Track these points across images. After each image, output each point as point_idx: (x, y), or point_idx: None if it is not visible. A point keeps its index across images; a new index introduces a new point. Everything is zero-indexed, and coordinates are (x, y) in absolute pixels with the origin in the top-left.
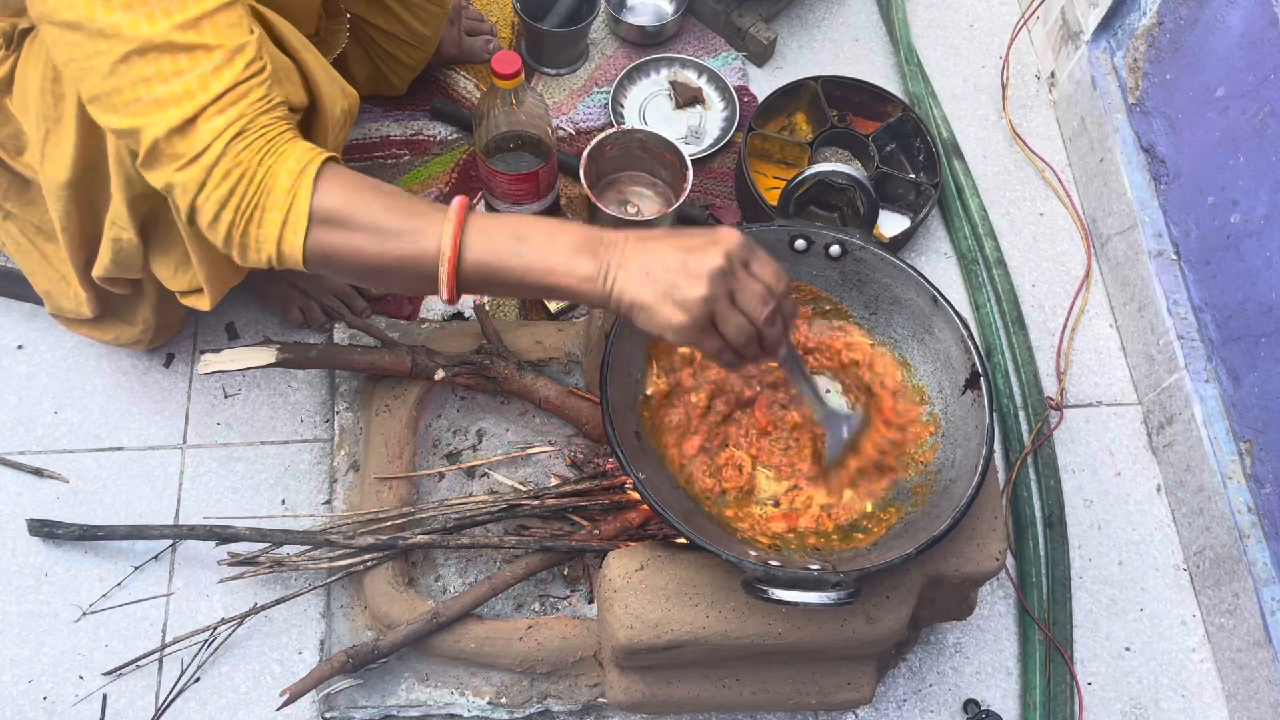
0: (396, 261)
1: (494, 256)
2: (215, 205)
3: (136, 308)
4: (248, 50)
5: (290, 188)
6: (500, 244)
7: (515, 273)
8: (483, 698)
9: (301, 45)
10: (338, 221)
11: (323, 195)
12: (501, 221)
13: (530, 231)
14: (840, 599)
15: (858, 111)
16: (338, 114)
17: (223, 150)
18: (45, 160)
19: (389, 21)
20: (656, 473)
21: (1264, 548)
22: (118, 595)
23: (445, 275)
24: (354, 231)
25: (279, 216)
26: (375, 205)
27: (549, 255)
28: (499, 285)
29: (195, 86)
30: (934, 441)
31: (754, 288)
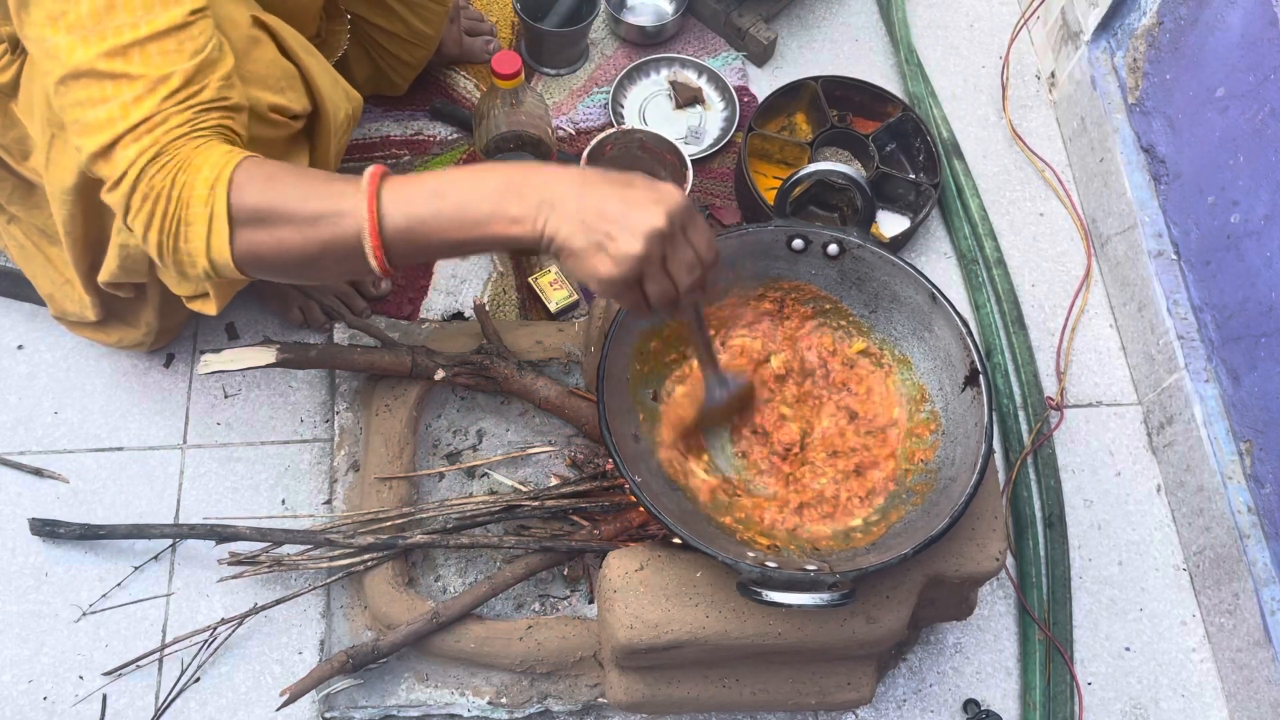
0: (324, 247)
1: (416, 219)
2: (141, 228)
3: (140, 311)
4: (173, 79)
5: (207, 197)
6: (420, 204)
7: (442, 230)
8: (483, 698)
9: (305, 51)
10: (258, 218)
11: (238, 194)
12: (419, 180)
13: (450, 185)
14: (835, 600)
15: (858, 111)
16: (341, 119)
17: (137, 176)
18: (50, 165)
19: (390, 21)
20: (654, 475)
21: (1264, 548)
22: (118, 595)
23: (371, 249)
24: (276, 225)
25: (202, 228)
26: (291, 193)
27: (473, 204)
28: (432, 247)
29: (116, 114)
30: (934, 439)
31: (686, 255)
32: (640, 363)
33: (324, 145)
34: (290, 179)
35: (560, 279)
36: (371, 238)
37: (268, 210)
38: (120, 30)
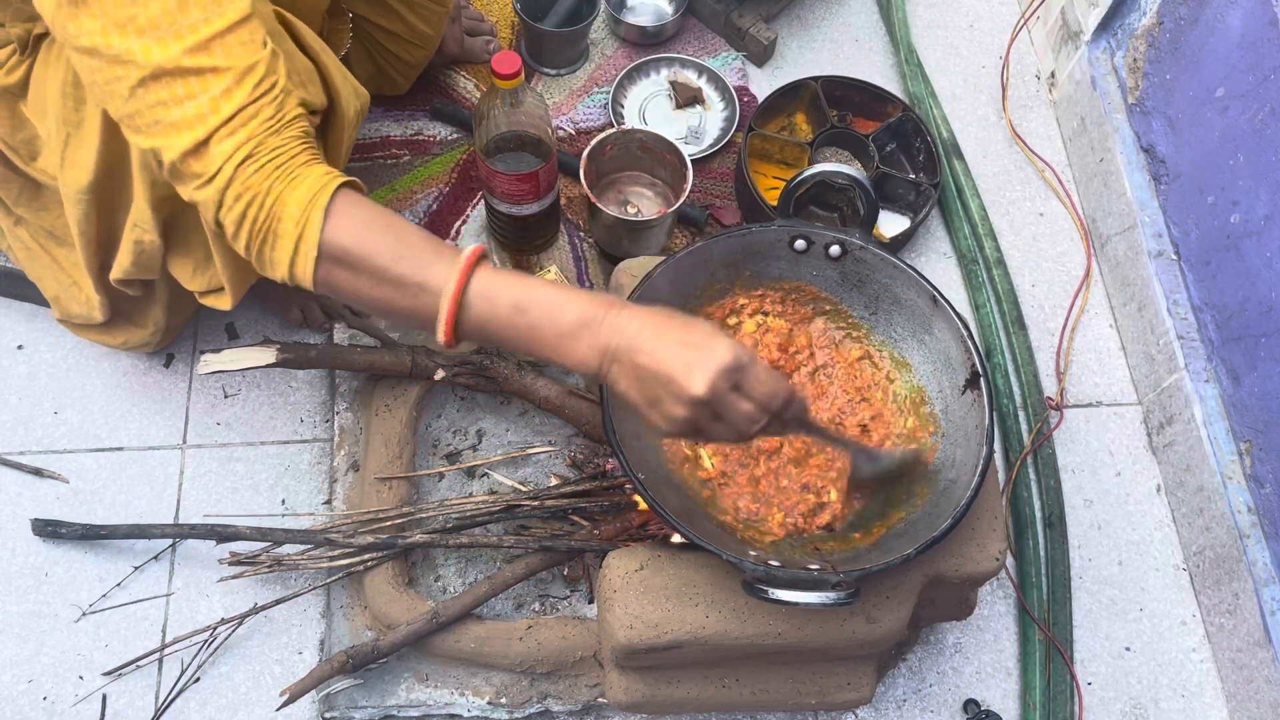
0: (399, 310)
1: (492, 323)
2: (233, 225)
3: (148, 310)
4: (258, 69)
5: (299, 218)
6: (500, 310)
7: (512, 341)
8: (483, 698)
9: (320, 47)
10: (346, 262)
11: (332, 231)
12: (507, 285)
13: (534, 303)
14: (840, 599)
15: (858, 111)
16: (352, 114)
17: (233, 174)
18: (66, 164)
19: (391, 20)
20: (656, 473)
21: (1264, 548)
22: (118, 595)
23: (443, 329)
24: (360, 273)
25: (290, 245)
26: (384, 250)
27: (547, 331)
28: (494, 343)
29: (206, 110)
30: (934, 441)
31: (740, 410)
32: None
33: (336, 140)
34: (386, 233)
35: (560, 279)
36: (446, 323)
37: (357, 257)
38: (196, 26)
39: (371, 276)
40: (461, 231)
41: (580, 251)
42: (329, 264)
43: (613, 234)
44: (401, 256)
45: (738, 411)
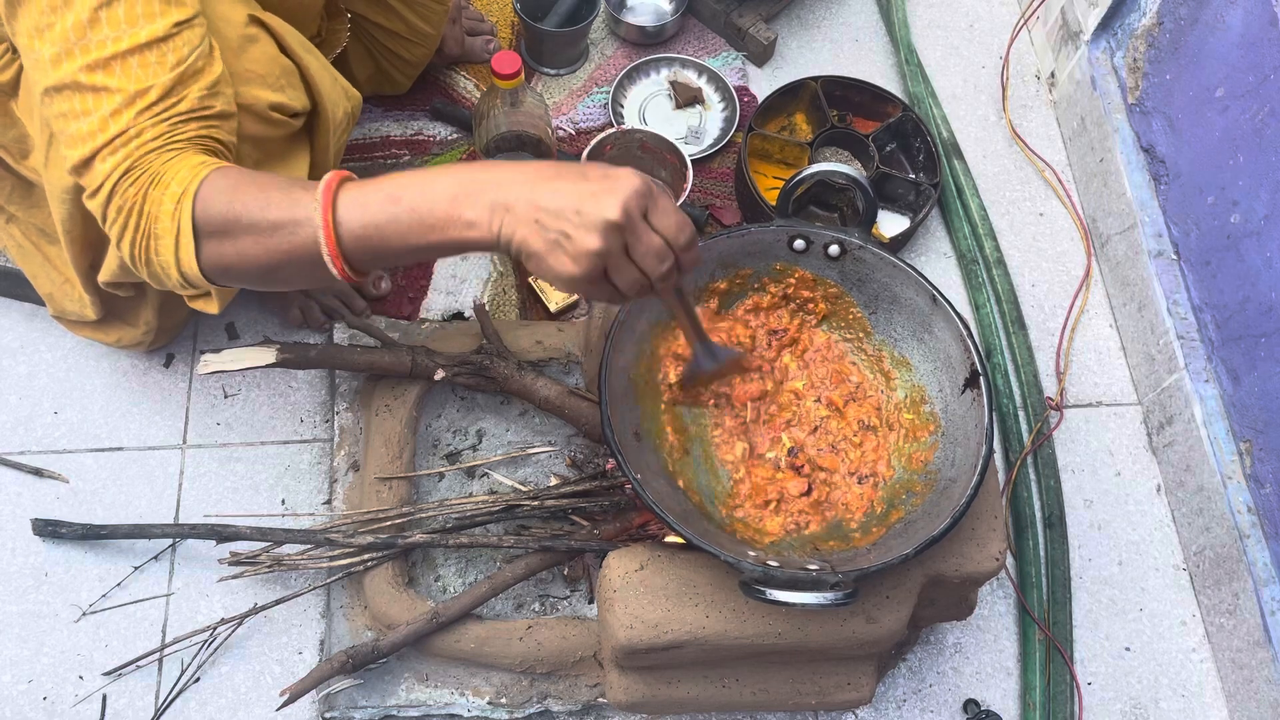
0: (285, 256)
1: (372, 225)
2: (116, 239)
3: (139, 310)
4: (150, 93)
5: (174, 211)
6: (375, 210)
7: (399, 236)
8: (483, 698)
9: (303, 49)
10: (222, 231)
11: (203, 207)
12: (375, 185)
13: (404, 189)
14: (838, 599)
15: (858, 111)
16: (339, 116)
17: (111, 190)
18: (50, 164)
19: (390, 20)
20: (655, 473)
21: (1264, 548)
22: (118, 595)
23: (329, 256)
24: (239, 237)
25: (170, 241)
26: (252, 204)
27: (427, 209)
28: (391, 253)
29: (96, 128)
30: (933, 441)
31: (652, 242)
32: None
33: (323, 144)
34: (252, 189)
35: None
36: (329, 245)
37: (231, 221)
38: (103, 44)
39: (249, 234)
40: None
41: None
42: (209, 242)
43: None
44: (269, 203)
45: (647, 244)
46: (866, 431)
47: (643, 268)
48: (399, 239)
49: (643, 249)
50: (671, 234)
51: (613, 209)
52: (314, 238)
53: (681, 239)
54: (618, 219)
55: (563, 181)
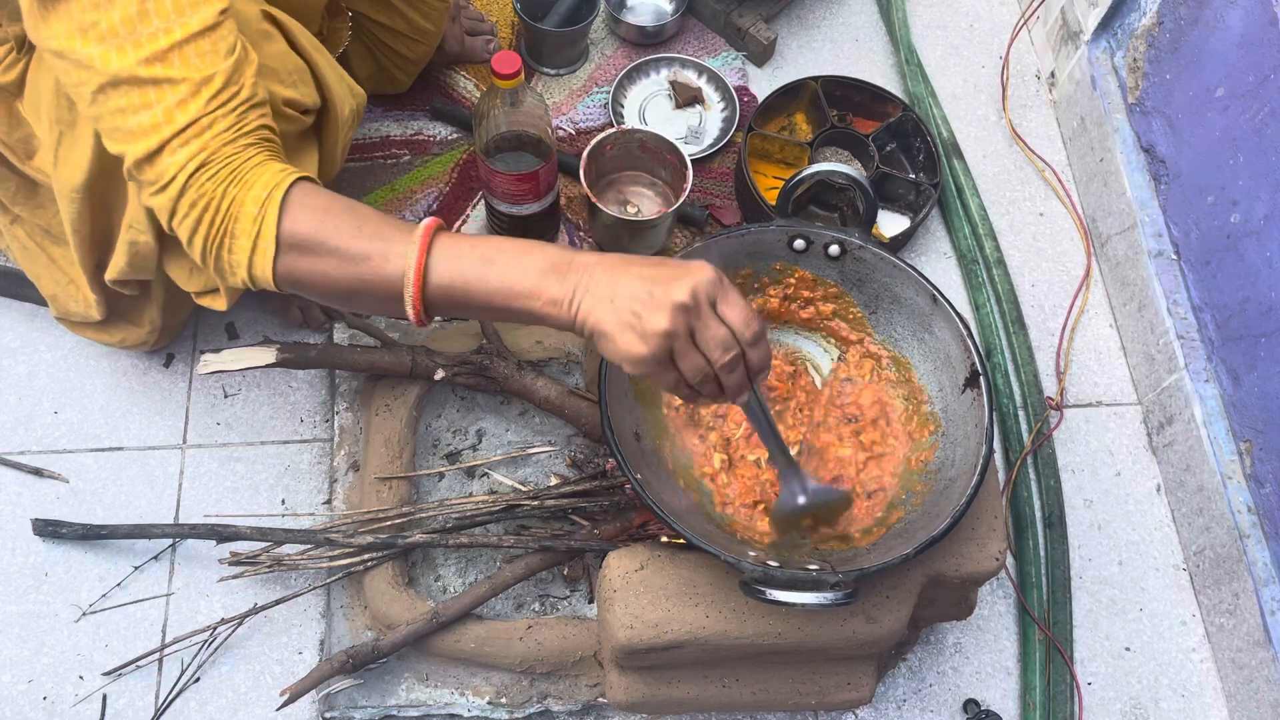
0: (364, 285)
1: (460, 280)
2: (187, 233)
3: (144, 309)
4: (214, 81)
5: (256, 215)
6: (467, 266)
7: (482, 296)
8: (483, 698)
9: (313, 47)
10: (305, 248)
11: (290, 221)
12: (470, 243)
13: (498, 254)
14: (838, 599)
15: (858, 111)
16: (346, 113)
17: (186, 182)
18: (59, 163)
19: (391, 18)
20: (655, 473)
21: (1264, 548)
22: (118, 595)
23: (410, 299)
24: (322, 257)
25: (247, 244)
26: (343, 230)
27: (516, 278)
28: (467, 307)
29: (161, 120)
30: (933, 441)
31: (717, 331)
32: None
33: (331, 141)
34: (345, 214)
35: None
36: (414, 287)
37: (317, 242)
38: (155, 36)
39: (333, 257)
40: (461, 232)
41: None
42: (289, 254)
43: (613, 234)
44: (362, 231)
45: (713, 331)
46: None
47: (707, 355)
48: (482, 298)
49: (708, 335)
50: (739, 325)
51: (682, 292)
52: (400, 275)
53: (748, 333)
54: (686, 300)
55: (638, 268)
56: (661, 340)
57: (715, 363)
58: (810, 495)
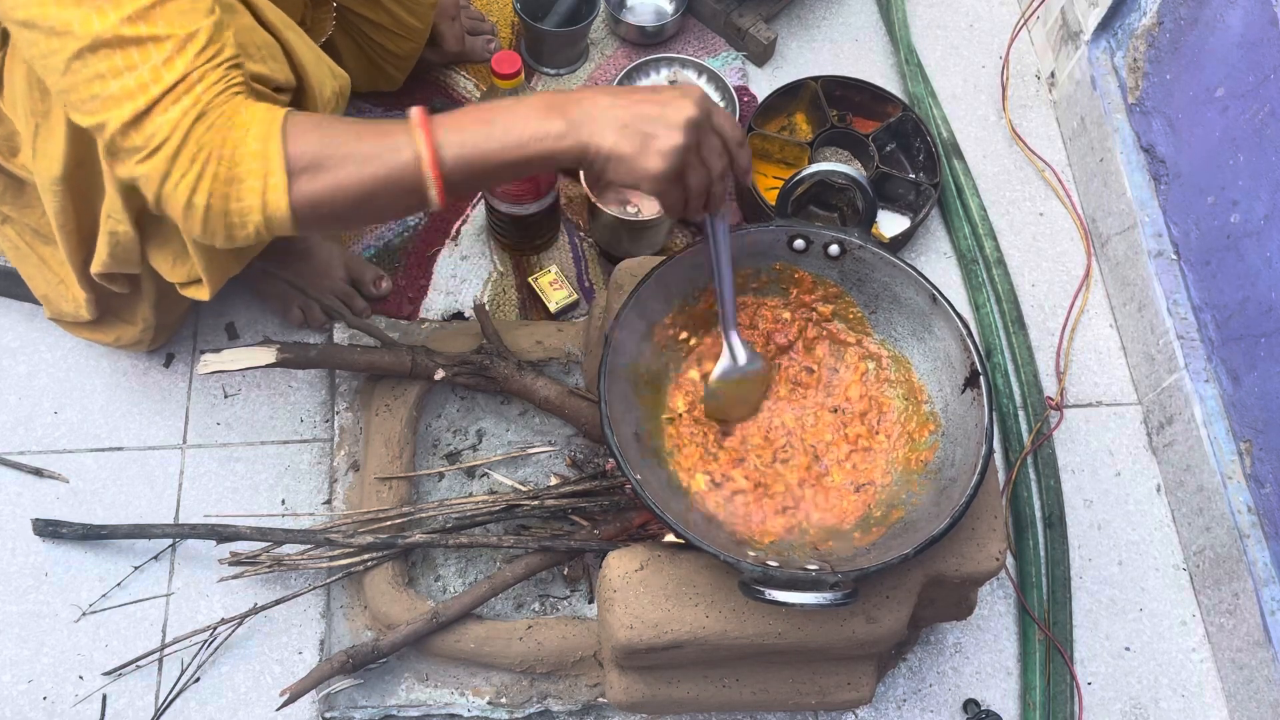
0: (383, 183)
1: (471, 146)
2: (186, 191)
3: (136, 307)
4: (199, 36)
5: (260, 151)
6: (471, 132)
7: (494, 154)
8: (483, 698)
9: (284, 25)
10: (315, 165)
11: (294, 144)
12: (463, 112)
13: (494, 113)
14: (837, 600)
15: (858, 111)
16: (327, 94)
17: (184, 137)
18: (37, 155)
19: (376, 12)
20: (655, 473)
21: (1264, 548)
22: (118, 595)
23: (432, 179)
24: (333, 169)
25: (258, 183)
26: (346, 135)
27: (520, 126)
28: (483, 173)
29: (148, 79)
30: (933, 440)
31: (716, 141)
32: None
33: None
34: (341, 123)
35: (560, 279)
36: (432, 167)
37: (325, 155)
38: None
39: (345, 165)
40: (461, 232)
41: (580, 251)
42: (301, 178)
43: (613, 234)
44: (364, 133)
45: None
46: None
47: (708, 164)
48: (496, 155)
49: (710, 145)
50: (728, 130)
51: (691, 109)
52: (415, 158)
53: (737, 134)
54: (696, 115)
55: (638, 93)
56: (680, 154)
57: (714, 170)
58: (748, 359)
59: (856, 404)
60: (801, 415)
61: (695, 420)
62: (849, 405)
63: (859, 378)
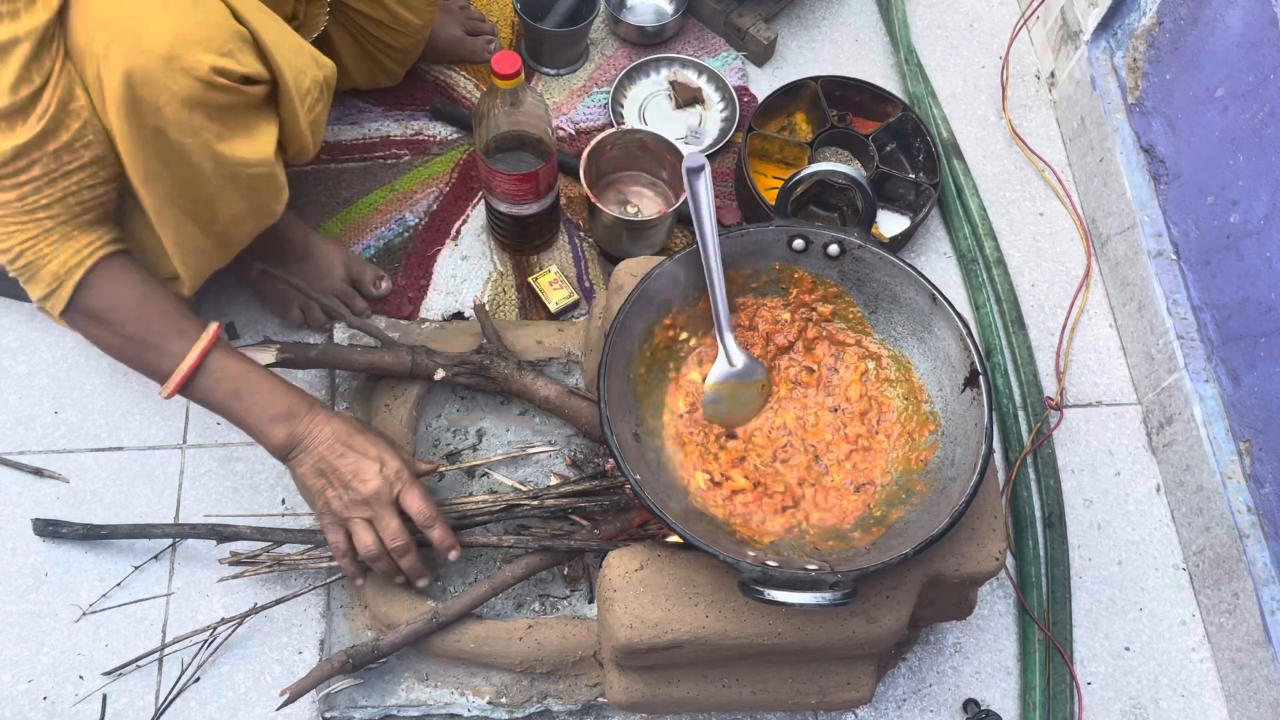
0: (133, 363)
1: (208, 399)
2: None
3: None
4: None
5: (59, 274)
6: (218, 395)
7: (221, 412)
8: (483, 698)
9: (258, 12)
10: (93, 318)
11: (86, 296)
12: (233, 371)
13: (248, 392)
14: (837, 599)
15: (858, 111)
16: (305, 84)
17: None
18: None
19: (373, 8)
20: (655, 473)
21: (1263, 547)
22: (118, 595)
23: (166, 391)
24: (103, 330)
25: (42, 289)
26: (132, 318)
27: (253, 419)
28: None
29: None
30: (933, 440)
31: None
32: (642, 361)
33: (290, 113)
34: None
35: (560, 279)
36: (172, 389)
37: (105, 322)
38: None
39: (114, 335)
40: (461, 232)
41: (580, 251)
42: (77, 316)
43: (613, 234)
44: (148, 326)
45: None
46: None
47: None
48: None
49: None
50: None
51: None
52: (165, 376)
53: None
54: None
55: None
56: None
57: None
58: (745, 364)
59: (856, 404)
60: (801, 415)
61: (695, 421)
62: (849, 405)
63: (859, 377)
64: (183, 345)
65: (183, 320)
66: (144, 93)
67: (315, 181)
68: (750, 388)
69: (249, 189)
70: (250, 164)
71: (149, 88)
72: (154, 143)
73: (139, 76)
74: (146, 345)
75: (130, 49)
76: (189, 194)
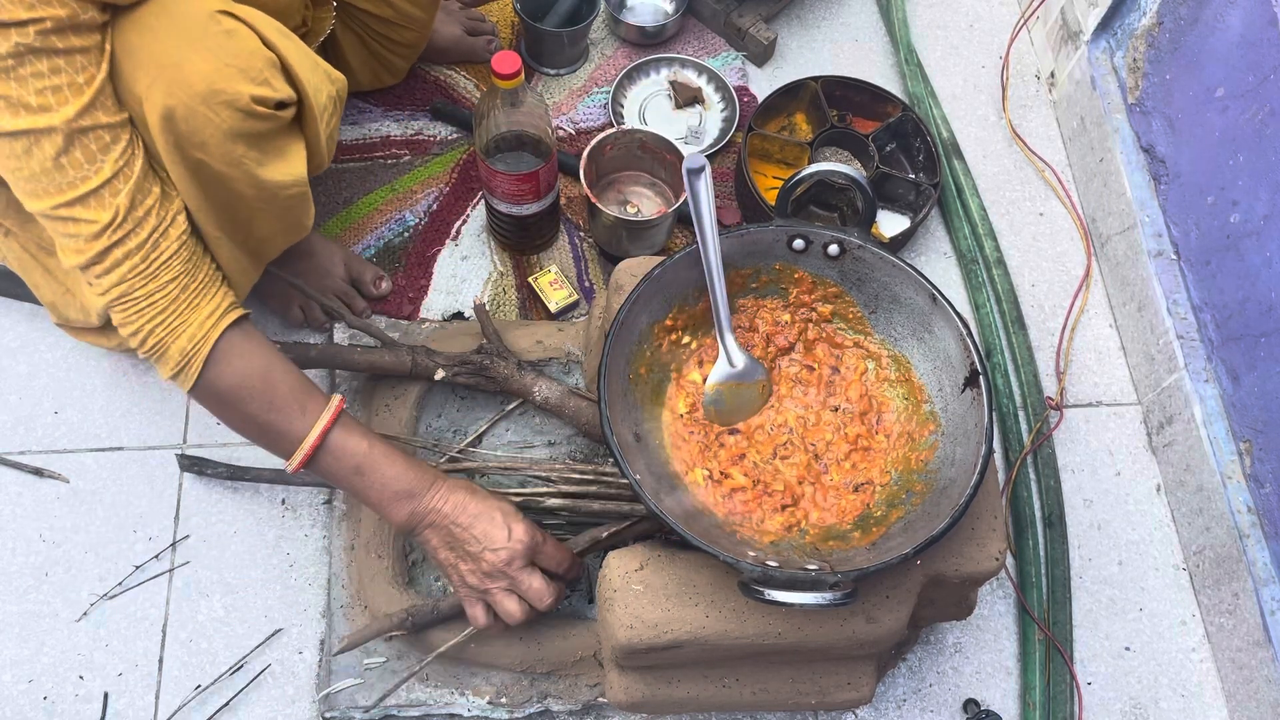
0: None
1: (331, 474)
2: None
3: None
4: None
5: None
6: (343, 469)
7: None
8: (483, 697)
9: (279, 34)
10: (221, 400)
11: (213, 374)
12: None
13: (370, 469)
14: (837, 600)
15: (858, 111)
16: (324, 101)
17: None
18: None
19: (379, 6)
20: (654, 473)
21: (1264, 548)
22: (118, 595)
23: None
24: (230, 410)
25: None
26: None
27: (375, 496)
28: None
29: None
30: (933, 440)
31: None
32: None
33: (313, 132)
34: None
35: (560, 279)
36: (296, 467)
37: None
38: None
39: (239, 414)
40: (461, 232)
41: (580, 251)
42: (206, 396)
43: (613, 234)
44: (272, 405)
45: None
46: (856, 452)
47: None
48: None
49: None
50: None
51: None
52: (288, 454)
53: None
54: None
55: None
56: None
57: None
58: (746, 365)
59: (856, 404)
60: (801, 414)
61: (695, 421)
62: (849, 405)
63: (859, 377)
64: (304, 424)
65: (304, 395)
66: (186, 128)
67: (315, 182)
68: (751, 389)
69: (285, 209)
70: (287, 185)
71: (191, 122)
72: (198, 174)
73: (182, 112)
74: (270, 426)
75: (171, 85)
76: (228, 217)
